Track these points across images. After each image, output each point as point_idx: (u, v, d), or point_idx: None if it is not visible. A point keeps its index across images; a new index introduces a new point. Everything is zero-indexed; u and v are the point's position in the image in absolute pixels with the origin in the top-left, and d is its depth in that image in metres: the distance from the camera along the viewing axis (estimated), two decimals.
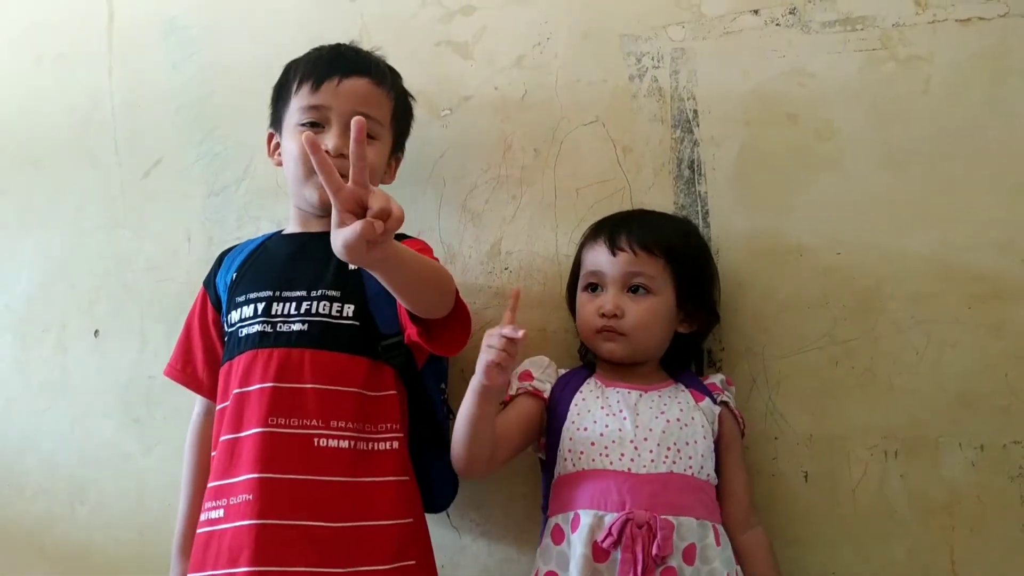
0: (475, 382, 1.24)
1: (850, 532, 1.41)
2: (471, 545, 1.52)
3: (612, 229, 1.38)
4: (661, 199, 1.51)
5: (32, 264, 1.75)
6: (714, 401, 1.37)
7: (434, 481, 1.41)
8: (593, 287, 1.39)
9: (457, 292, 1.30)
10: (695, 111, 1.52)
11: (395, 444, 1.32)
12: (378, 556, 1.26)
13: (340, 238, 1.04)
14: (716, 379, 1.41)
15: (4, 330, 1.76)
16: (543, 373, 1.40)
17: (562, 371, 1.43)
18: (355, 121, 1.02)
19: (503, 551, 1.51)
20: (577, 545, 1.24)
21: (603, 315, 1.35)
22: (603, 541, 1.22)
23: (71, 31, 1.78)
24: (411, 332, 1.30)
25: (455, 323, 1.31)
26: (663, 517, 1.23)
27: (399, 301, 1.27)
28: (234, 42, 1.72)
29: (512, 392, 1.38)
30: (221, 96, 1.71)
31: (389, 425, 1.33)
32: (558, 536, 1.29)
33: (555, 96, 1.57)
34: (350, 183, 1.04)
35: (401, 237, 1.40)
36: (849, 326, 1.43)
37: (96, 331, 1.71)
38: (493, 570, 1.52)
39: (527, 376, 1.39)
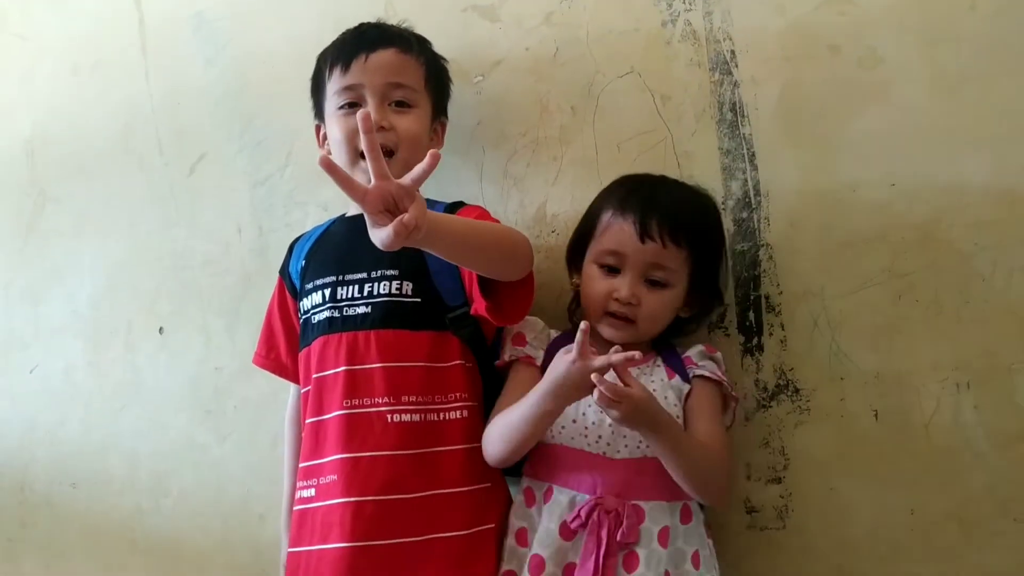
0: (556, 397, 1.20)
1: (926, 468, 1.39)
2: None
3: (643, 210, 1.30)
4: (705, 145, 1.48)
5: (93, 270, 1.79)
6: (684, 378, 1.34)
7: None
8: (610, 268, 1.33)
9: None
10: (732, 51, 1.48)
11: (464, 413, 1.35)
12: (454, 523, 1.30)
13: (377, 239, 1.08)
14: (694, 352, 1.37)
15: (75, 336, 1.81)
16: (535, 339, 1.38)
17: (554, 333, 1.41)
18: (360, 114, 1.05)
19: None
20: (546, 519, 1.27)
21: (616, 300, 1.31)
22: (571, 522, 1.25)
23: (104, 38, 1.79)
24: (479, 307, 1.32)
25: (520, 291, 1.33)
26: (633, 503, 1.25)
27: (470, 271, 1.30)
28: (262, 30, 1.71)
29: (506, 358, 1.37)
30: (256, 85, 1.72)
31: (457, 395, 1.35)
32: (529, 499, 1.32)
33: (588, 51, 1.54)
34: (372, 180, 1.06)
35: (459, 205, 1.43)
36: (910, 258, 1.39)
37: (161, 328, 1.75)
38: None
39: (520, 340, 1.38)
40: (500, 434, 1.29)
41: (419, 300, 1.35)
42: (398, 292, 1.35)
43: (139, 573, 1.76)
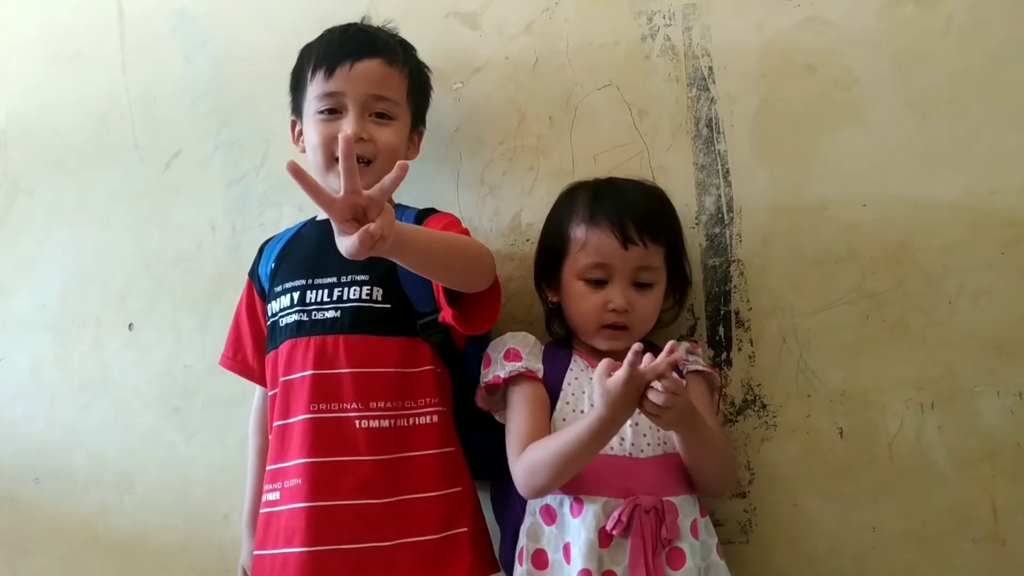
0: (605, 418, 1.16)
1: (889, 487, 1.40)
2: None
3: (616, 216, 1.31)
4: (680, 160, 1.49)
5: (64, 263, 1.77)
6: (680, 374, 1.34)
7: (478, 451, 1.43)
8: (597, 281, 1.33)
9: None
10: (710, 67, 1.49)
11: (435, 418, 1.36)
12: (425, 527, 1.31)
13: (343, 248, 1.08)
14: (681, 348, 1.34)
15: (43, 329, 1.78)
16: (531, 353, 1.35)
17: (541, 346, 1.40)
18: (342, 138, 1.05)
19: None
20: (581, 531, 1.23)
21: (612, 310, 1.31)
22: (612, 528, 1.22)
23: (82, 29, 1.77)
24: (446, 315, 1.32)
25: (487, 300, 1.33)
26: (667, 500, 1.24)
27: (433, 280, 1.30)
28: (243, 28, 1.70)
29: (503, 374, 1.32)
30: (234, 83, 1.71)
31: (428, 400, 1.36)
32: (548, 517, 1.29)
33: (567, 62, 1.54)
34: (343, 192, 1.06)
35: (429, 212, 1.42)
36: (879, 279, 1.41)
37: (130, 325, 1.73)
38: None
39: (515, 356, 1.34)
40: (550, 466, 1.22)
41: (389, 306, 1.35)
42: (368, 298, 1.35)
43: (102, 570, 1.74)
